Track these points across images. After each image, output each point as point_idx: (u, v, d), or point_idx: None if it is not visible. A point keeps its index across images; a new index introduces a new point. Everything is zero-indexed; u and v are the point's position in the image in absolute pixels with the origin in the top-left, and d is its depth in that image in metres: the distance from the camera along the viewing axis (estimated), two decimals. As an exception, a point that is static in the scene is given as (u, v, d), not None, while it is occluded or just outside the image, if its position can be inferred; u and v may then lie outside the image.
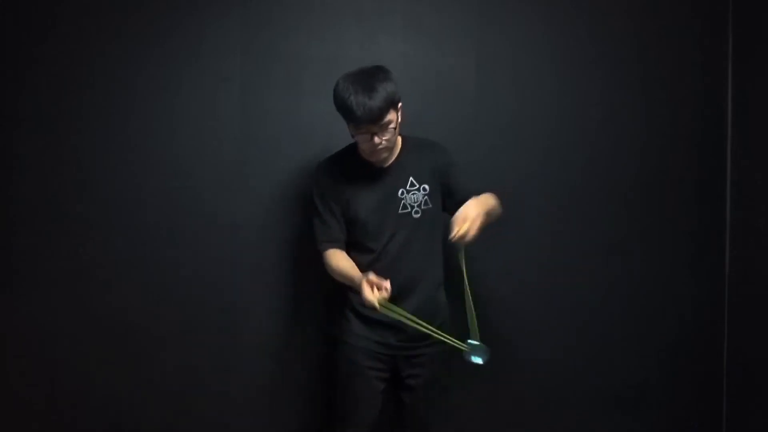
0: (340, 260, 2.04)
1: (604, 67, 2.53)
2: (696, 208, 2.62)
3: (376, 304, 1.85)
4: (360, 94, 1.88)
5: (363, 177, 2.04)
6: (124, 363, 2.31)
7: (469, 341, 1.95)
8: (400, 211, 2.03)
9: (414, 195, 2.04)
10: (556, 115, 2.51)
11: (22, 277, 2.27)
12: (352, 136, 1.98)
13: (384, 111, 1.90)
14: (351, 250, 2.07)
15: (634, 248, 2.58)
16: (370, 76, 1.92)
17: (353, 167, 2.05)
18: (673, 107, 2.58)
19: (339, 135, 2.10)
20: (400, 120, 1.98)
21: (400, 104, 1.96)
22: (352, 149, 2.08)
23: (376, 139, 1.93)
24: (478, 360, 1.93)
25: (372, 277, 1.87)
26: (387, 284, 1.86)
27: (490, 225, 1.94)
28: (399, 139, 2.07)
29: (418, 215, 2.04)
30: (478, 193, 1.96)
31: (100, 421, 2.31)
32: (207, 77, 2.31)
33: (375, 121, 1.89)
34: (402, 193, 2.04)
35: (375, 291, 1.86)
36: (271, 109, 2.34)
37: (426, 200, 2.05)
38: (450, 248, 2.01)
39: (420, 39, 2.42)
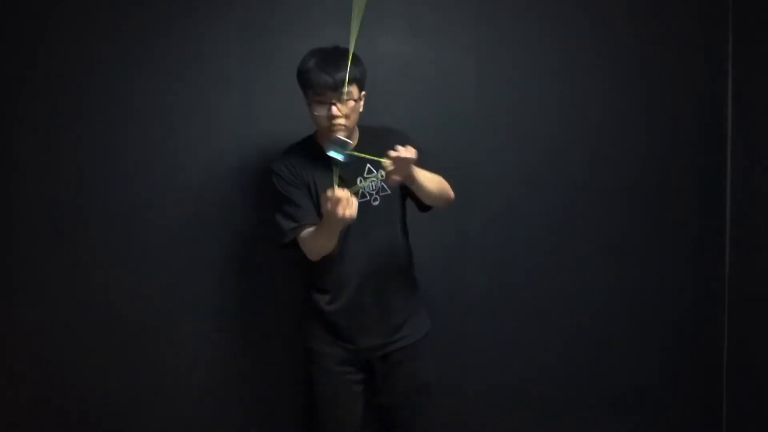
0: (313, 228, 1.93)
1: (604, 68, 2.53)
2: (696, 208, 2.62)
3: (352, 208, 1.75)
4: (324, 62, 1.87)
5: (320, 166, 1.98)
6: (123, 363, 2.31)
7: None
8: (359, 201, 1.92)
9: (372, 182, 1.99)
10: (556, 115, 2.51)
11: (21, 277, 2.27)
12: (310, 108, 1.92)
13: (347, 79, 1.85)
14: None
15: (634, 248, 2.58)
16: (336, 50, 1.92)
17: (310, 157, 2.00)
18: (673, 107, 2.58)
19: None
20: (362, 102, 1.95)
21: (363, 93, 1.95)
22: (309, 139, 2.06)
23: (335, 110, 1.88)
24: (337, 155, 1.83)
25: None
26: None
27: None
28: (357, 129, 2.03)
29: (377, 203, 1.98)
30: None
31: (100, 422, 2.31)
32: (207, 77, 2.31)
33: (336, 87, 1.86)
34: (360, 182, 1.99)
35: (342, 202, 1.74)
36: (271, 110, 2.34)
37: (383, 186, 2.00)
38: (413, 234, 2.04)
39: (420, 39, 2.42)
